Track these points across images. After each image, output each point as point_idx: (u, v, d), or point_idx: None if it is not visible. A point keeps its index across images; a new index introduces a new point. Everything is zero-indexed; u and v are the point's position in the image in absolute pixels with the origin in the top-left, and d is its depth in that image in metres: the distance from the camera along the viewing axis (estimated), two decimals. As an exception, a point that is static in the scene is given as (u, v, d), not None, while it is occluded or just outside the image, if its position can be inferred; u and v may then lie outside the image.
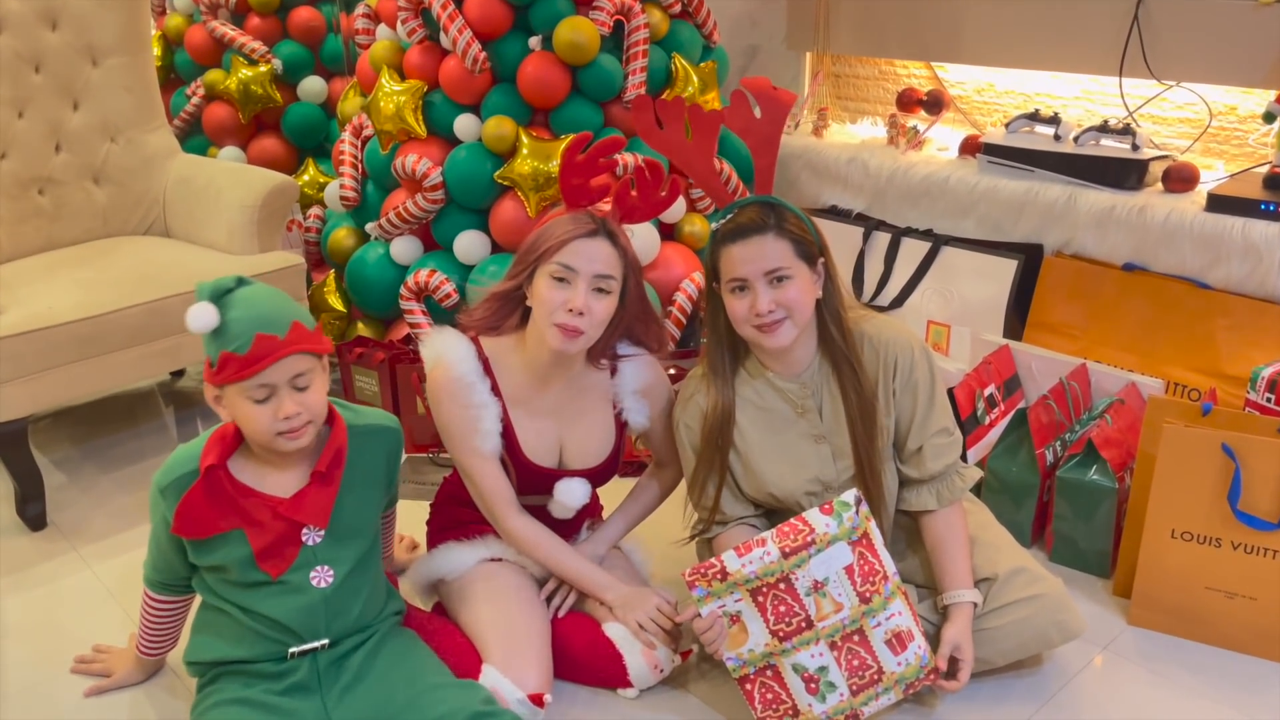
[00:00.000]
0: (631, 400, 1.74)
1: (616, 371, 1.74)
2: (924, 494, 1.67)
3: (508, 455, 1.68)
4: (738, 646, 1.51)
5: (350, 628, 1.55)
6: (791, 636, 1.51)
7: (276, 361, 1.39)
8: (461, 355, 1.65)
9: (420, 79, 2.62)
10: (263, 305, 1.41)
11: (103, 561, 2.10)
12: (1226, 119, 2.49)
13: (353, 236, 2.88)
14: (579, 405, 1.72)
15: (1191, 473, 1.73)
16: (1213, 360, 2.25)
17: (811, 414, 1.66)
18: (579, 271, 1.56)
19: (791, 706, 1.53)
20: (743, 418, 1.67)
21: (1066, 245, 2.50)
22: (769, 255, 1.54)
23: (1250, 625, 1.75)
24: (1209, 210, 2.26)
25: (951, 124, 2.97)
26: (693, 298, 2.64)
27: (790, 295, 1.56)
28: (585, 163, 1.62)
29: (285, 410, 1.41)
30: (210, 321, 1.38)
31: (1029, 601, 1.60)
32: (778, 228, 1.55)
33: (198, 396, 2.89)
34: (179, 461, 1.49)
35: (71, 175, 2.62)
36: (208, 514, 1.45)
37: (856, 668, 1.54)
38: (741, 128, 1.68)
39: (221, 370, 1.40)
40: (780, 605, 1.50)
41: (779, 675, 1.52)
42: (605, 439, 1.75)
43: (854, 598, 1.52)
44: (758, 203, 1.58)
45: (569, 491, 1.70)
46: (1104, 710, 1.65)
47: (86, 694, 1.71)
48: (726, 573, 1.48)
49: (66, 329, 2.15)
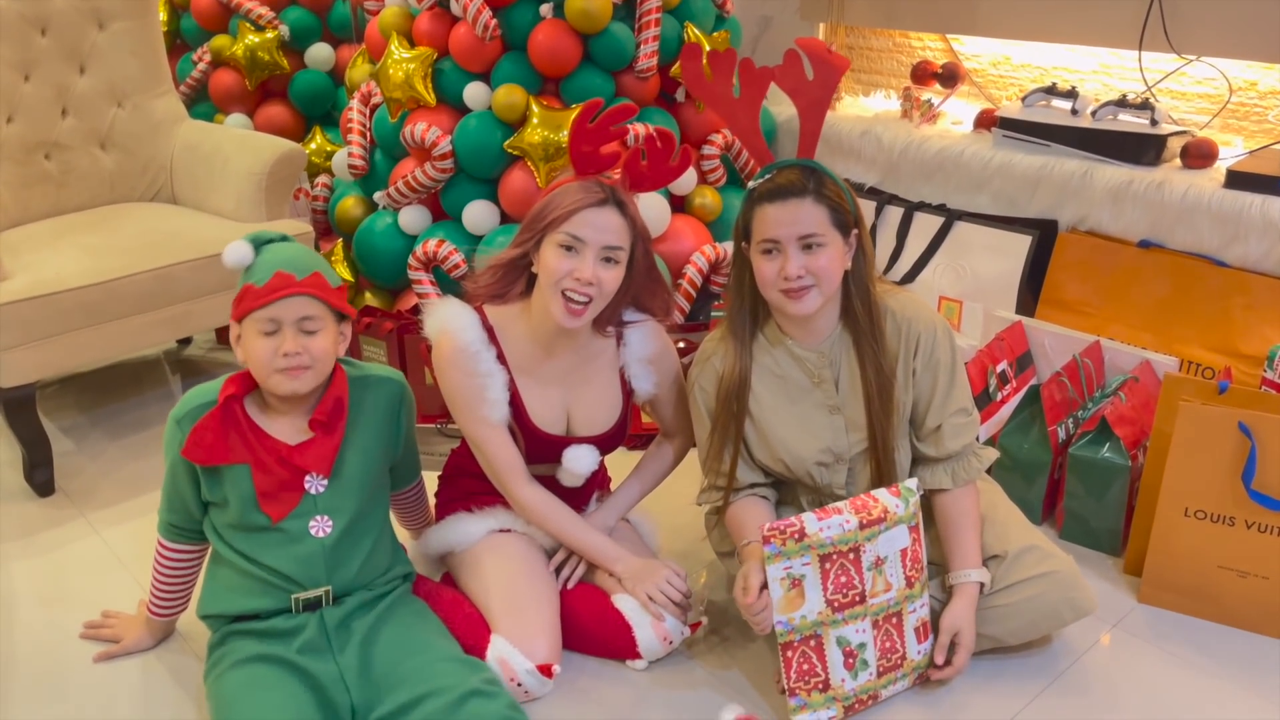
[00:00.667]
0: (639, 368, 1.73)
1: (623, 339, 1.73)
2: (939, 473, 1.66)
3: (515, 423, 1.67)
4: (790, 611, 1.50)
5: (352, 581, 1.56)
6: (845, 608, 1.51)
7: (287, 296, 1.47)
8: (466, 324, 1.63)
9: (430, 46, 2.59)
10: (292, 253, 1.51)
11: (111, 528, 2.10)
12: (1247, 94, 2.45)
13: (360, 205, 2.86)
14: (585, 373, 1.71)
15: (1206, 451, 1.72)
16: (1228, 339, 2.23)
17: (828, 384, 1.65)
18: (587, 242, 1.54)
19: (824, 680, 1.52)
20: (758, 384, 1.66)
21: (1082, 221, 2.47)
22: (804, 219, 1.52)
23: (1262, 604, 1.74)
24: (1227, 187, 2.24)
25: (966, 97, 2.93)
26: (703, 270, 2.62)
27: (820, 263, 1.54)
28: (596, 130, 1.60)
29: (286, 346, 1.47)
30: (244, 257, 1.49)
31: (1040, 579, 1.59)
32: (816, 193, 1.53)
33: (205, 365, 2.89)
34: (195, 395, 1.54)
35: (78, 140, 2.60)
36: (219, 442, 1.49)
37: (888, 650, 1.55)
38: (791, 88, 1.64)
39: (240, 301, 1.49)
40: (843, 575, 1.50)
41: (821, 646, 1.52)
42: (612, 406, 1.74)
43: (902, 580, 1.54)
44: (799, 165, 1.55)
45: (577, 459, 1.69)
46: (1113, 688, 1.64)
47: (96, 659, 1.71)
48: (804, 534, 1.47)
49: (74, 295, 2.14)
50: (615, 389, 1.74)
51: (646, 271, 1.65)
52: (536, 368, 1.68)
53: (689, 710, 1.60)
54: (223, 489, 1.52)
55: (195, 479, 1.53)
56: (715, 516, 1.81)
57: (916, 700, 1.61)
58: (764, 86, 1.66)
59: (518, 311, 1.67)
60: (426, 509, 1.88)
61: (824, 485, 1.68)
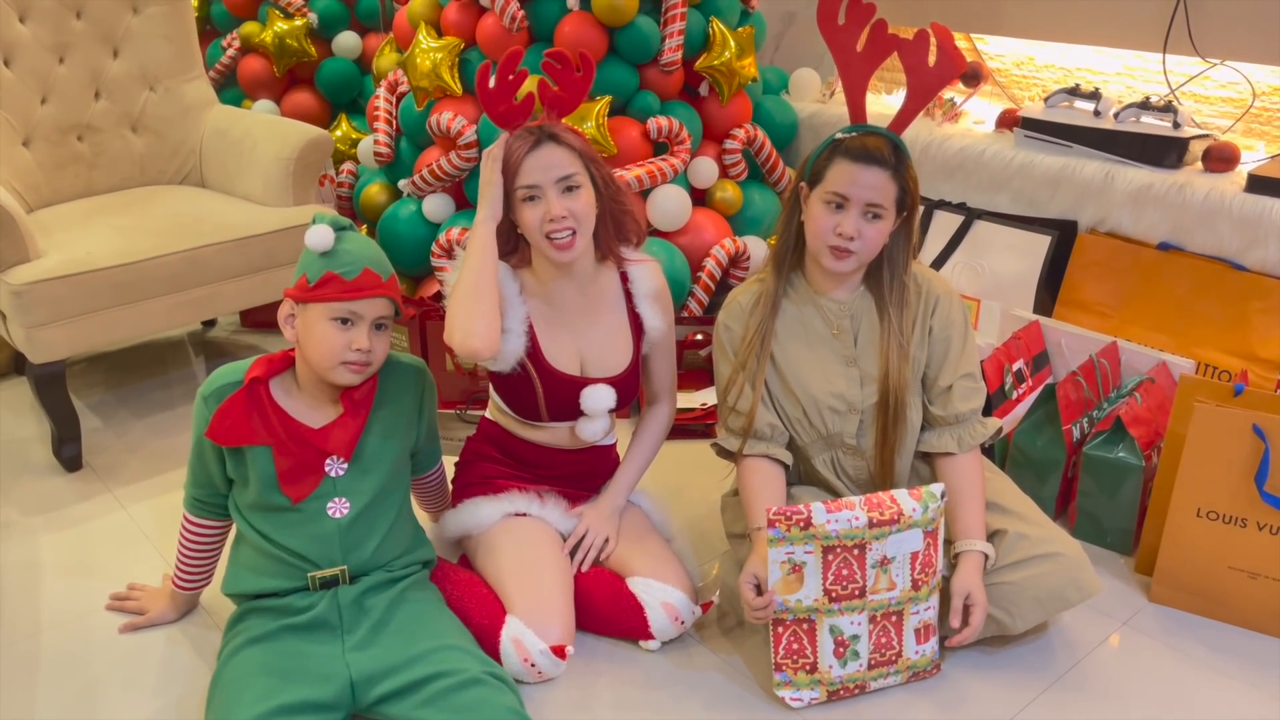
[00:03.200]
0: (647, 305, 1.78)
1: (628, 278, 1.78)
2: (945, 436, 1.70)
3: (533, 365, 1.70)
4: (787, 593, 1.53)
5: (368, 562, 1.58)
6: (841, 600, 1.53)
7: (374, 296, 1.51)
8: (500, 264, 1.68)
9: (457, 36, 2.62)
10: (374, 250, 1.55)
11: (137, 503, 2.14)
12: (1270, 99, 2.45)
13: (385, 192, 2.90)
14: (594, 317, 1.76)
15: (1220, 452, 1.73)
16: (1245, 343, 2.24)
17: (846, 335, 1.70)
18: (541, 184, 1.60)
19: (812, 662, 1.55)
20: (781, 324, 1.71)
21: (1101, 223, 2.48)
22: (879, 190, 1.57)
23: (1273, 606, 1.75)
24: (1249, 191, 2.24)
25: (989, 97, 2.94)
26: (722, 264, 2.64)
27: (872, 233, 1.59)
28: (500, 89, 1.62)
29: (361, 342, 1.51)
30: (328, 242, 1.49)
31: (1046, 559, 1.62)
32: (895, 169, 1.58)
33: (229, 347, 2.93)
34: (223, 374, 1.57)
35: (110, 123, 2.64)
36: (243, 422, 1.52)
37: (882, 645, 1.57)
38: (911, 64, 1.68)
39: (322, 286, 1.49)
40: (844, 569, 1.52)
41: (813, 631, 1.54)
42: (624, 349, 1.78)
43: (908, 582, 1.55)
44: (887, 137, 1.60)
45: (595, 397, 1.73)
46: (1122, 684, 1.66)
47: (121, 630, 1.75)
48: (810, 523, 1.49)
49: (105, 274, 2.18)
50: (625, 332, 1.78)
51: (611, 187, 1.70)
52: (550, 314, 1.73)
53: (697, 692, 1.62)
54: (245, 468, 1.55)
55: (220, 455, 1.57)
56: (733, 498, 1.84)
57: (922, 692, 1.63)
58: (887, 52, 1.69)
59: (526, 272, 1.74)
60: (447, 494, 1.91)
61: (835, 433, 1.71)
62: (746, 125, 2.78)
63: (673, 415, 1.90)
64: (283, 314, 1.55)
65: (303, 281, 1.51)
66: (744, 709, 1.59)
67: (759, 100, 2.91)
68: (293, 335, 1.55)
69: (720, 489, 1.95)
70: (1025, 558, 1.63)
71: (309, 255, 1.51)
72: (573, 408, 1.74)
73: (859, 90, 1.71)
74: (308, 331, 1.52)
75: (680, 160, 2.61)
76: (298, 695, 1.43)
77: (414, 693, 1.45)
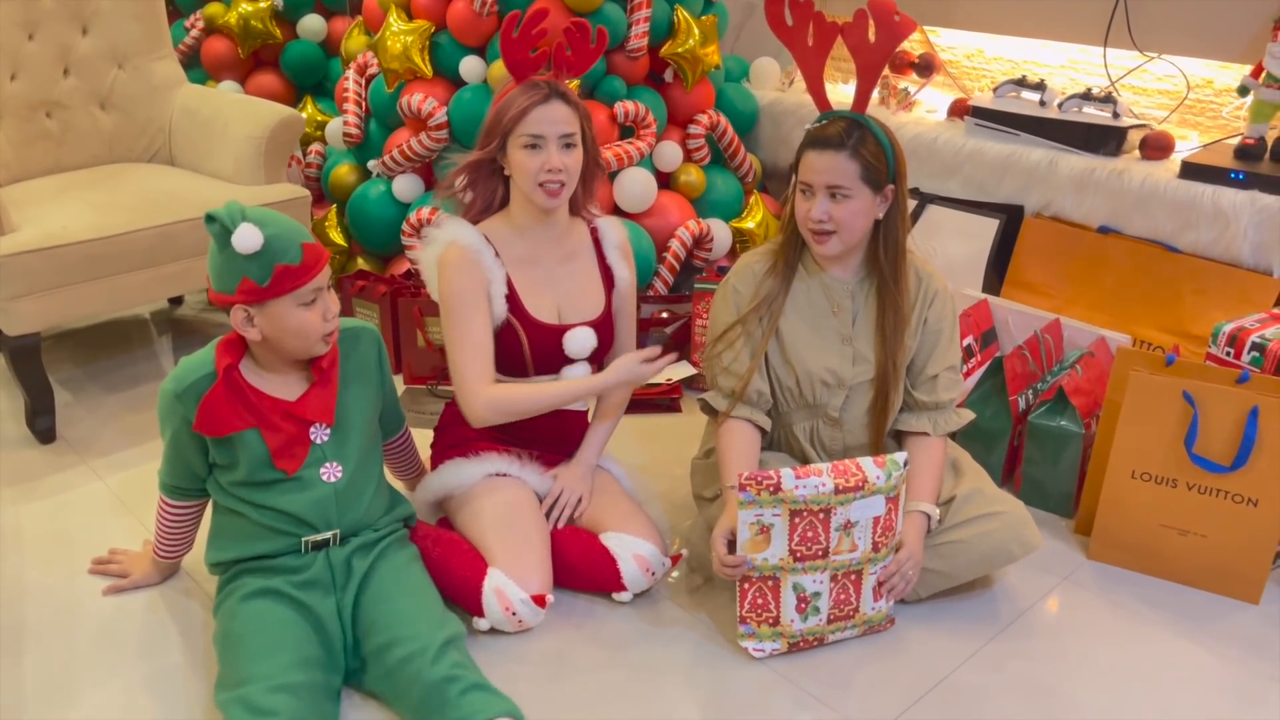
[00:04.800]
0: (615, 255, 1.90)
1: (597, 231, 1.90)
2: (923, 419, 1.81)
3: (516, 319, 1.79)
4: (754, 552, 1.62)
5: (359, 522, 1.64)
6: (805, 560, 1.62)
7: (324, 267, 1.52)
8: (469, 233, 1.79)
9: (428, 20, 2.67)
10: (286, 221, 1.50)
11: (114, 474, 2.17)
12: (1203, 91, 2.60)
13: (354, 173, 2.94)
14: (569, 268, 1.86)
15: (1153, 417, 1.85)
16: (1178, 320, 2.38)
17: (845, 314, 1.79)
18: (546, 135, 1.71)
19: (774, 616, 1.65)
20: (789, 300, 1.80)
21: (1046, 207, 2.60)
22: (835, 171, 1.66)
23: (1200, 561, 1.88)
24: (1182, 177, 2.37)
25: (941, 87, 3.06)
26: (687, 245, 2.73)
27: (842, 213, 1.68)
28: (522, 39, 1.75)
29: (331, 309, 1.54)
30: (259, 239, 1.44)
31: (991, 518, 1.73)
32: (853, 149, 1.66)
33: (196, 324, 2.95)
34: (190, 368, 1.55)
35: (79, 100, 2.65)
36: (227, 412, 1.53)
37: (841, 601, 1.67)
38: (854, 45, 1.75)
39: (279, 282, 1.47)
40: (809, 531, 1.61)
41: (777, 588, 1.64)
42: (597, 294, 1.89)
43: (869, 544, 1.64)
44: (849, 119, 1.69)
45: (577, 338, 1.83)
46: (1061, 635, 1.78)
47: (105, 592, 1.79)
48: (779, 488, 1.58)
49: (79, 248, 2.21)
50: (597, 280, 1.89)
51: (595, 154, 1.83)
52: (527, 265, 1.82)
53: (665, 643, 1.71)
54: (233, 453, 1.56)
55: (203, 446, 1.58)
56: (703, 461, 1.92)
57: (876, 644, 1.73)
58: (831, 39, 1.77)
59: (500, 220, 1.83)
60: (418, 458, 1.97)
61: (821, 404, 1.80)
62: (710, 111, 2.86)
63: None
64: (237, 320, 1.50)
65: (248, 285, 1.46)
66: (713, 664, 1.68)
67: (721, 88, 3.00)
68: (257, 334, 1.51)
69: (684, 463, 2.03)
70: (972, 516, 1.74)
71: (239, 258, 1.45)
72: (556, 357, 1.83)
73: (817, 80, 1.79)
74: (278, 324, 1.51)
75: (646, 144, 2.69)
76: (320, 650, 1.50)
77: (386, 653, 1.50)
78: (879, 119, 1.73)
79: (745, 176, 3.01)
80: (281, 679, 1.41)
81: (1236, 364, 1.92)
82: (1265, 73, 2.29)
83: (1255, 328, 1.94)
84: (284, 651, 1.46)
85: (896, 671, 1.67)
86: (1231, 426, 1.79)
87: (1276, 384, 1.80)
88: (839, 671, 1.66)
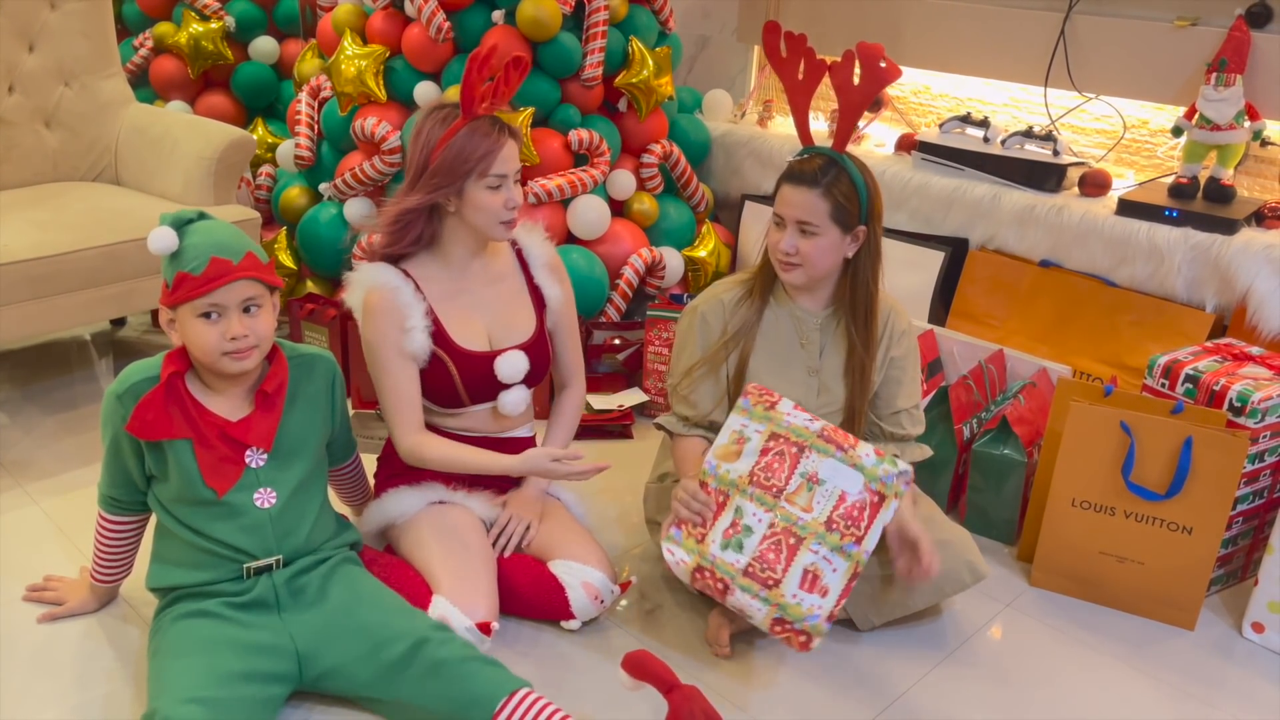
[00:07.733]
0: (544, 274, 1.91)
1: (523, 252, 1.91)
2: (889, 449, 1.82)
3: (443, 350, 1.78)
4: (723, 460, 1.67)
5: (300, 548, 1.62)
6: (759, 488, 1.64)
7: (229, 283, 1.49)
8: (387, 274, 1.77)
9: (383, 44, 2.67)
10: (221, 234, 1.52)
11: (50, 498, 2.12)
12: (1139, 131, 2.69)
13: (305, 196, 2.92)
14: (497, 291, 1.87)
15: (1092, 447, 1.90)
16: (1116, 352, 2.45)
17: (812, 347, 1.82)
18: (507, 175, 1.74)
19: (703, 534, 1.65)
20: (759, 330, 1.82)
21: (990, 240, 2.67)
22: (806, 207, 1.69)
23: (1138, 588, 1.93)
24: (1119, 214, 2.45)
25: (889, 122, 3.13)
26: (639, 272, 2.75)
27: (809, 249, 1.71)
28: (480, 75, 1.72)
29: (234, 330, 1.50)
30: (170, 244, 1.48)
31: (940, 545, 1.75)
32: (826, 187, 1.69)
33: (139, 346, 2.90)
34: (135, 371, 1.56)
35: (23, 117, 2.61)
36: (163, 416, 1.52)
37: (768, 560, 1.61)
38: (838, 84, 1.78)
39: (176, 289, 1.49)
40: (775, 462, 1.65)
41: (722, 508, 1.65)
42: (527, 315, 1.89)
43: (824, 515, 1.62)
44: (827, 157, 1.72)
45: (509, 362, 1.82)
46: (1005, 660, 1.81)
47: (40, 620, 1.74)
48: (774, 406, 1.67)
49: (20, 267, 2.16)
50: (526, 298, 1.90)
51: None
52: (453, 297, 1.82)
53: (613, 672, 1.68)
54: (165, 463, 1.55)
55: (139, 452, 1.56)
56: (656, 485, 1.93)
57: (823, 668, 1.74)
58: (819, 76, 1.80)
59: (427, 255, 1.82)
60: (366, 484, 1.96)
61: None
62: (663, 141, 2.90)
63: (583, 396, 2.01)
64: (164, 320, 1.55)
65: (164, 286, 1.51)
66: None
67: (674, 118, 3.04)
68: (178, 339, 1.54)
69: (636, 489, 2.04)
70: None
71: (164, 259, 1.50)
72: (490, 384, 1.83)
73: (802, 113, 1.83)
74: (185, 333, 1.52)
75: (600, 172, 2.71)
76: (246, 664, 1.47)
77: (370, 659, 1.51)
78: (859, 159, 1.75)
79: (697, 206, 3.05)
80: (194, 692, 1.39)
81: (1172, 395, 1.98)
82: (1198, 114, 2.38)
83: (1189, 360, 2.01)
84: (200, 666, 1.44)
85: (846, 693, 1.68)
86: (1167, 456, 1.84)
87: (1210, 415, 1.86)
88: (789, 697, 1.67)
